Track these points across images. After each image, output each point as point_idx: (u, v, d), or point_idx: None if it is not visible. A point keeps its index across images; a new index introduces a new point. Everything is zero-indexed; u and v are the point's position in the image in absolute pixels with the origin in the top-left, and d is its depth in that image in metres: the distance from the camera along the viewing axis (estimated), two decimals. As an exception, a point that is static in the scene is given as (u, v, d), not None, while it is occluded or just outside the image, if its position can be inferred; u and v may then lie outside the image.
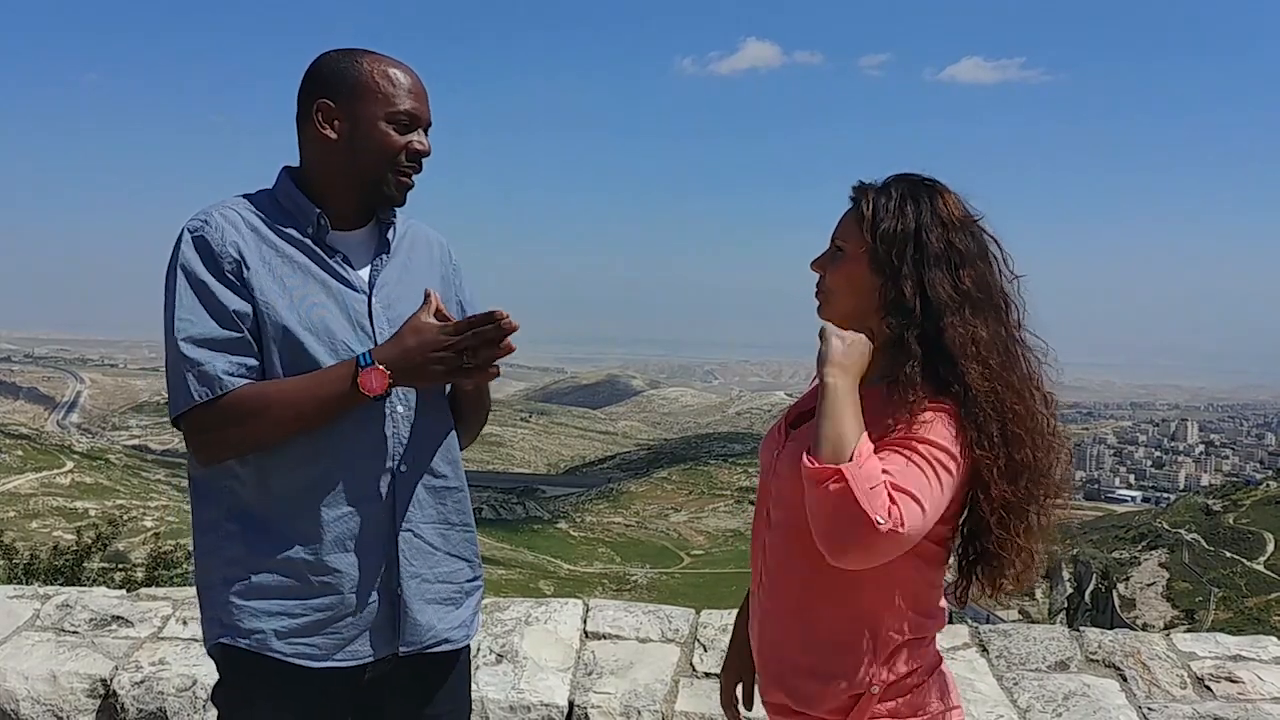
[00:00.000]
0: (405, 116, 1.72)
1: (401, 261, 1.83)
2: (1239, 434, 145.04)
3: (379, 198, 1.76)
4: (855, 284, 1.58)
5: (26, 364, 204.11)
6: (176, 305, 1.63)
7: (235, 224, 1.69)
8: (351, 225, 1.79)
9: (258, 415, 1.61)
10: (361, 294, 1.75)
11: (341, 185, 1.75)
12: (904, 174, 1.62)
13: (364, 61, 1.73)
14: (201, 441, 1.64)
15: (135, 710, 2.92)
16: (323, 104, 1.72)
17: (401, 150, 1.73)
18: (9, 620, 3.33)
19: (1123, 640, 3.20)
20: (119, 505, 52.38)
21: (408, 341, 1.65)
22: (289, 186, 1.76)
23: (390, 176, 1.74)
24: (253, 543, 1.67)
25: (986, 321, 1.52)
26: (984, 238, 1.58)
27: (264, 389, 1.63)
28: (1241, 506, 71.91)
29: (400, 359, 1.64)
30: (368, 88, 1.72)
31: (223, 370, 1.61)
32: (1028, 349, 1.58)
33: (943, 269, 1.52)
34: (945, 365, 1.48)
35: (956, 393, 1.47)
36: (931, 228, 1.54)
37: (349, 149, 1.72)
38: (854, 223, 1.59)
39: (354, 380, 1.62)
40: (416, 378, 1.67)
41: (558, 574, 76.82)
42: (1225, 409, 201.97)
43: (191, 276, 1.64)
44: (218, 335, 1.62)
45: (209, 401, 1.60)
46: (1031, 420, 1.52)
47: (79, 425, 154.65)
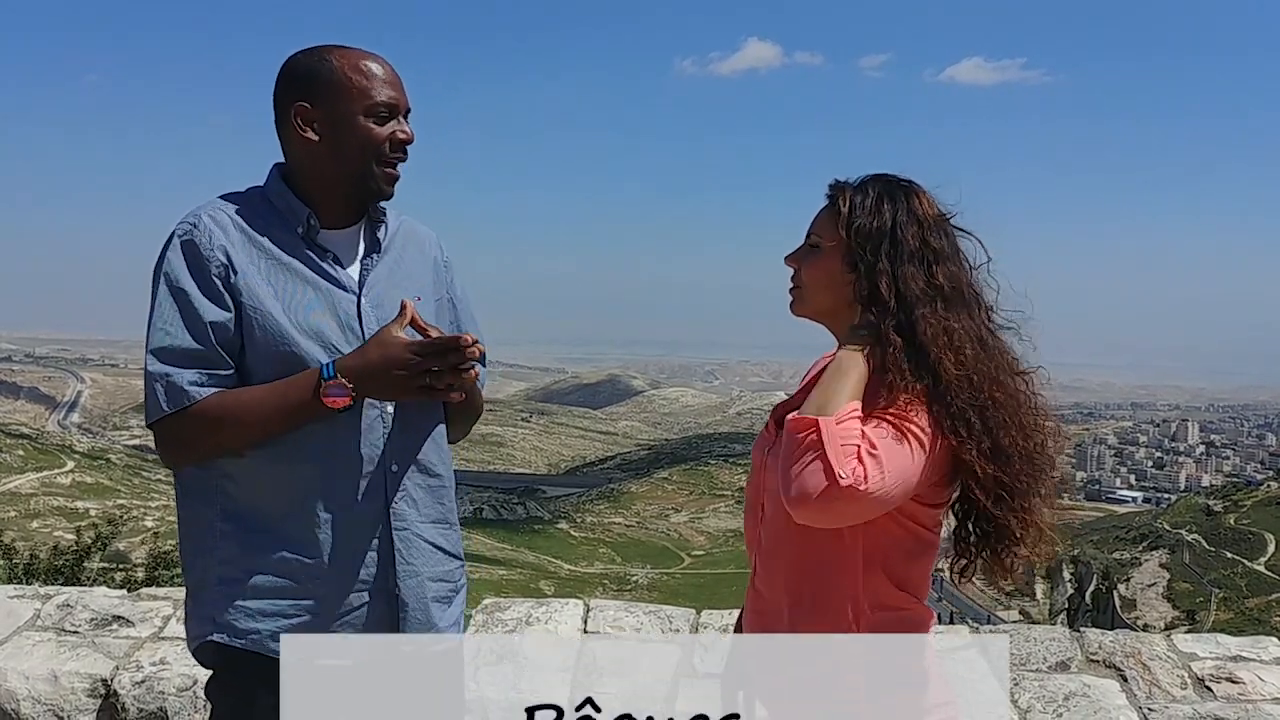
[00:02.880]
0: (383, 108, 1.71)
1: (393, 259, 1.83)
2: (1240, 434, 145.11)
3: (367, 193, 1.75)
4: (830, 279, 1.61)
5: (27, 364, 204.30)
6: (154, 315, 1.65)
7: (224, 226, 1.69)
8: (342, 224, 1.78)
9: (223, 424, 1.62)
10: (351, 294, 1.74)
11: (329, 185, 1.74)
12: (880, 174, 1.64)
13: (333, 58, 1.72)
14: (171, 449, 1.67)
15: (136, 710, 2.92)
16: (299, 107, 1.71)
17: (384, 141, 1.72)
18: (10, 620, 3.33)
19: (1123, 641, 3.20)
20: (119, 505, 52.41)
21: (371, 355, 1.64)
22: (280, 186, 1.76)
23: (376, 170, 1.73)
24: (246, 542, 1.67)
25: (959, 315, 1.55)
26: (955, 237, 1.61)
27: (228, 399, 1.63)
28: (1242, 507, 71.98)
29: (362, 370, 1.63)
30: (342, 84, 1.71)
31: (189, 382, 1.62)
32: (1002, 340, 1.60)
33: (916, 265, 1.55)
34: (919, 356, 1.50)
35: (928, 382, 1.49)
36: (907, 225, 1.57)
37: (332, 148, 1.72)
38: (830, 220, 1.62)
39: (316, 391, 1.62)
40: (378, 391, 1.66)
41: (558, 574, 76.86)
42: (1226, 409, 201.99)
43: (173, 284, 1.65)
44: (189, 347, 1.63)
45: (177, 412, 1.62)
46: (1014, 404, 1.54)
47: (80, 425, 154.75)
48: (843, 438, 1.41)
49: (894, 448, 1.43)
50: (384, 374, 1.63)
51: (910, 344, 1.51)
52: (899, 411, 1.47)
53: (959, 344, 1.52)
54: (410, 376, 1.64)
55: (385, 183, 1.75)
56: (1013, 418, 1.53)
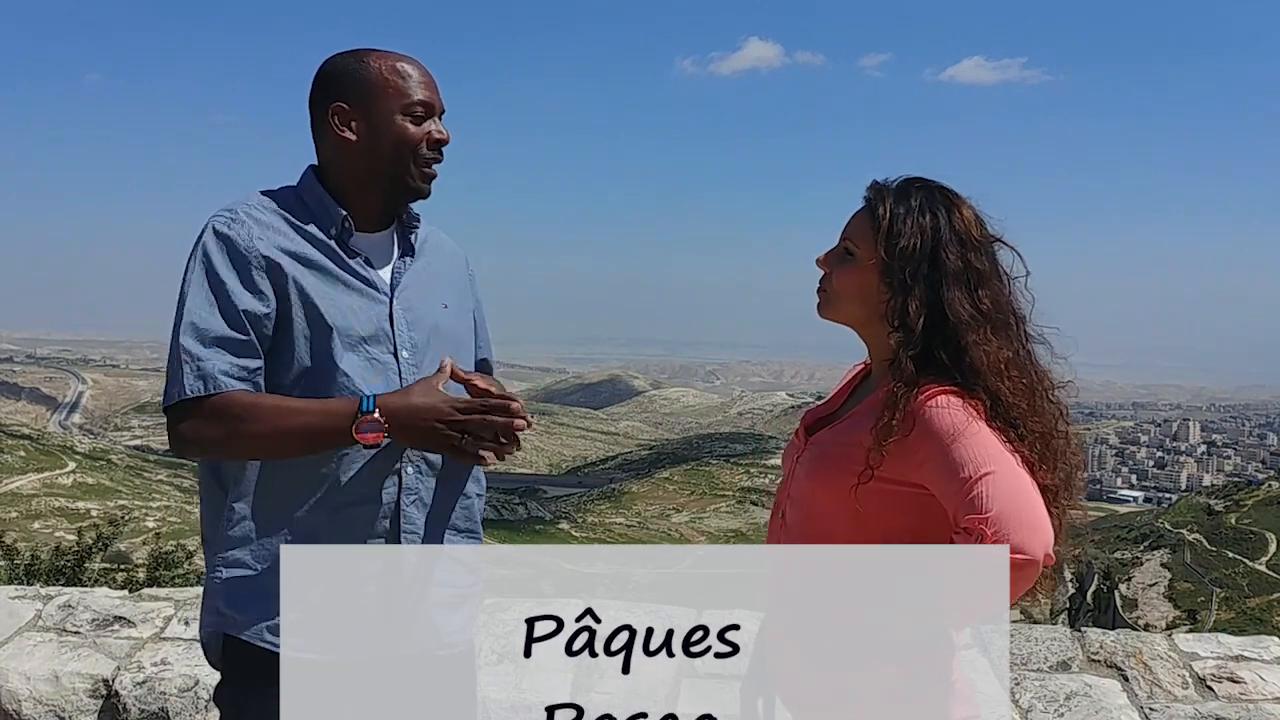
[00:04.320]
0: (420, 107, 1.73)
1: (424, 264, 1.84)
2: (1241, 434, 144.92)
3: (405, 191, 1.76)
4: (863, 292, 1.57)
5: (28, 364, 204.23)
6: (190, 297, 1.63)
7: (262, 223, 1.69)
8: (375, 227, 1.79)
9: (241, 423, 1.59)
10: (383, 295, 1.75)
11: (365, 185, 1.75)
12: (920, 179, 1.59)
13: (371, 60, 1.74)
14: (181, 434, 1.62)
15: (137, 710, 2.92)
16: (337, 107, 1.73)
17: (421, 141, 1.73)
18: (11, 621, 3.34)
19: (1124, 640, 3.20)
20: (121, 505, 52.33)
21: (416, 400, 1.60)
22: (315, 187, 1.76)
23: (414, 169, 1.74)
24: (256, 533, 1.68)
25: (1006, 340, 1.52)
26: (997, 256, 1.57)
27: (257, 400, 1.61)
28: (1243, 507, 71.81)
29: (403, 414, 1.59)
30: (380, 85, 1.72)
31: (220, 370, 1.60)
32: (1038, 364, 1.58)
33: (962, 288, 1.50)
34: (971, 381, 1.48)
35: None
36: (949, 245, 1.51)
37: (370, 148, 1.73)
38: (868, 227, 1.56)
39: (353, 423, 1.58)
40: (410, 438, 1.62)
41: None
42: (1227, 409, 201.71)
43: (210, 271, 1.64)
44: (224, 334, 1.62)
45: (200, 398, 1.59)
46: (1049, 435, 1.52)
47: (81, 426, 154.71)
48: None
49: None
50: (423, 423, 1.59)
51: (958, 369, 1.49)
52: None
53: (1012, 372, 1.50)
54: (449, 434, 1.59)
55: (422, 180, 1.76)
56: (1047, 447, 1.51)
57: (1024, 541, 1.33)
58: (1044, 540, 1.35)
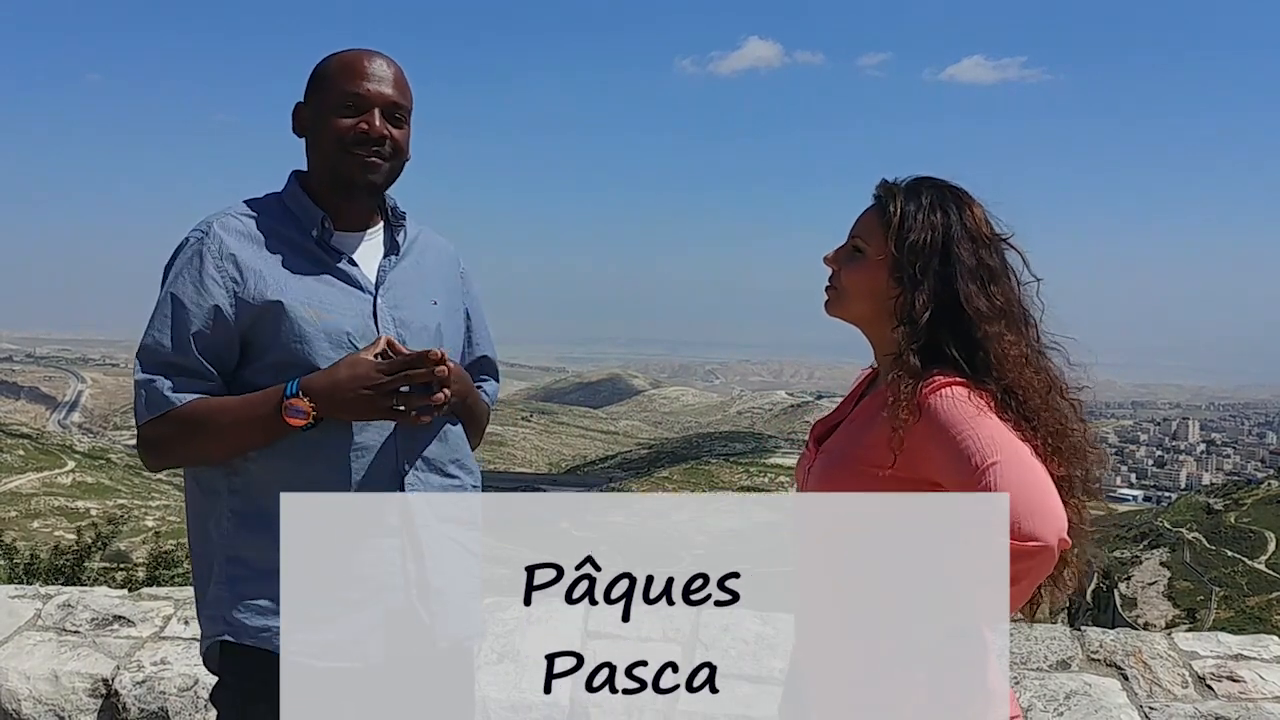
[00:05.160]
0: (351, 99, 1.71)
1: (411, 263, 1.84)
2: (1240, 433, 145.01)
3: (350, 186, 1.75)
4: (872, 290, 1.56)
5: (28, 364, 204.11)
6: (150, 322, 1.67)
7: (236, 232, 1.70)
8: (357, 226, 1.80)
9: (201, 430, 1.63)
10: (367, 294, 1.75)
11: (327, 183, 1.76)
12: (929, 178, 1.59)
13: (333, 59, 1.75)
14: (151, 453, 1.69)
15: (137, 710, 2.92)
16: (297, 107, 1.77)
17: (348, 132, 1.71)
18: (10, 620, 3.33)
19: (1124, 639, 3.20)
20: (120, 505, 52.41)
21: (339, 374, 1.63)
22: (295, 190, 1.78)
23: (348, 161, 1.72)
24: (255, 538, 1.67)
25: (1016, 334, 1.52)
26: (1005, 252, 1.57)
27: (205, 405, 1.64)
28: (1243, 505, 71.84)
29: (328, 389, 1.62)
30: (324, 80, 1.74)
31: (169, 388, 1.64)
32: (1052, 363, 1.58)
33: (976, 283, 1.50)
34: (988, 376, 1.48)
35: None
36: (962, 241, 1.52)
37: (314, 144, 1.76)
38: (878, 224, 1.56)
39: (278, 408, 1.61)
40: (344, 411, 1.64)
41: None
42: (1226, 408, 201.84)
43: (171, 292, 1.67)
44: (170, 357, 1.65)
45: (157, 417, 1.64)
46: (1063, 429, 1.52)
47: (80, 425, 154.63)
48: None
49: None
50: (351, 393, 1.61)
51: (971, 361, 1.48)
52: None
53: (1029, 365, 1.50)
54: (378, 396, 1.61)
55: (358, 171, 1.73)
56: (1063, 441, 1.51)
57: (1035, 528, 1.31)
58: (1056, 527, 1.33)
